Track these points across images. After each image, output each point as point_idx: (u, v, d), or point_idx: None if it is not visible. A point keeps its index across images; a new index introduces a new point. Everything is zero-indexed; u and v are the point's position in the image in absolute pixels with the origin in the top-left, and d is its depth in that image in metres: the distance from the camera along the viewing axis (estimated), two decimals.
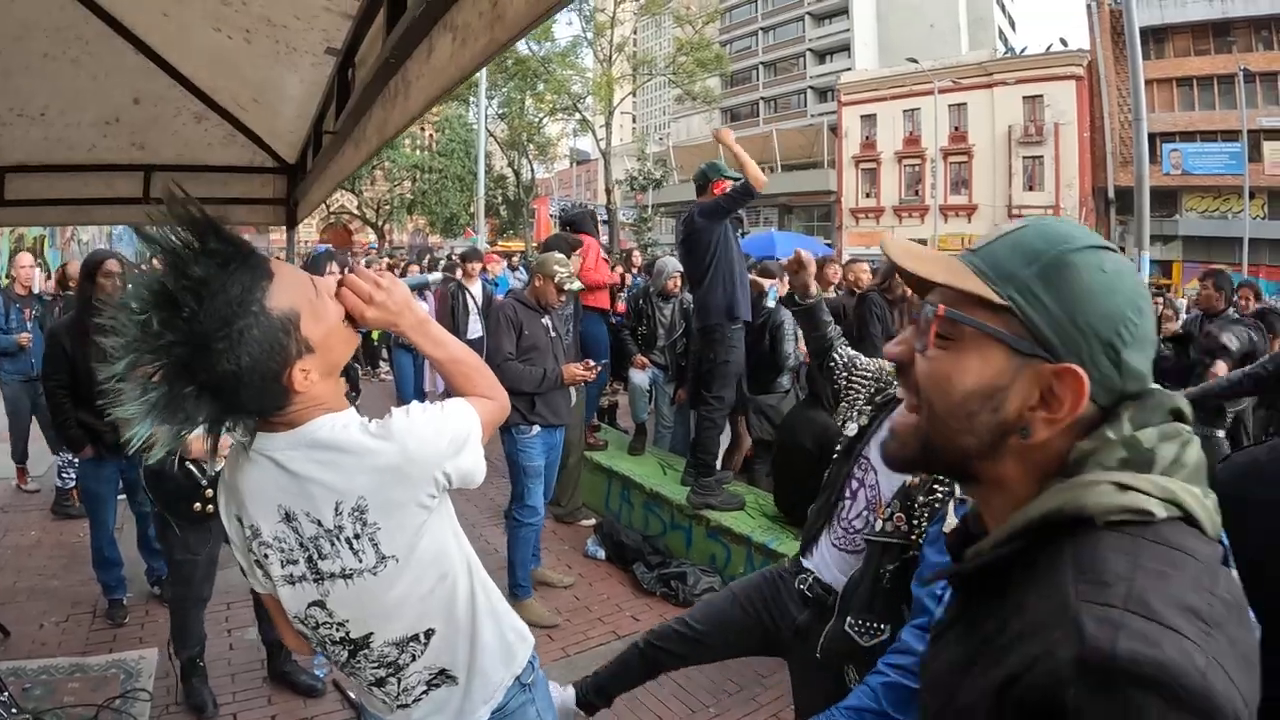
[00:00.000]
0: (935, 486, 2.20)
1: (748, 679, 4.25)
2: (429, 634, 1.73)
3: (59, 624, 4.82)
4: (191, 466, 3.41)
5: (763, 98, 55.86)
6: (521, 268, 14.90)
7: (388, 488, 1.55)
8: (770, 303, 6.21)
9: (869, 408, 2.62)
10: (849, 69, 47.35)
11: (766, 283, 6.29)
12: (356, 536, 1.57)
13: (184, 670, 4.01)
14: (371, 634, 1.70)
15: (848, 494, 2.55)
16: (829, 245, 32.37)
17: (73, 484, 6.36)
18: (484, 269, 9.43)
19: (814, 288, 2.87)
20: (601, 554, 5.75)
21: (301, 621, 1.72)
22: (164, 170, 4.01)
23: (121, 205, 4.15)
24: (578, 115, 41.58)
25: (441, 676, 1.80)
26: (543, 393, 4.73)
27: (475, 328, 8.79)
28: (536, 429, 4.75)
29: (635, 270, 10.90)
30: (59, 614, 4.92)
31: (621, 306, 7.10)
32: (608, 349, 6.92)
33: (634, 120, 73.17)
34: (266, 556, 1.64)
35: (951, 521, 1.81)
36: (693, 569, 5.17)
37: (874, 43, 49.50)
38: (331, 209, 40.43)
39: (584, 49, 39.87)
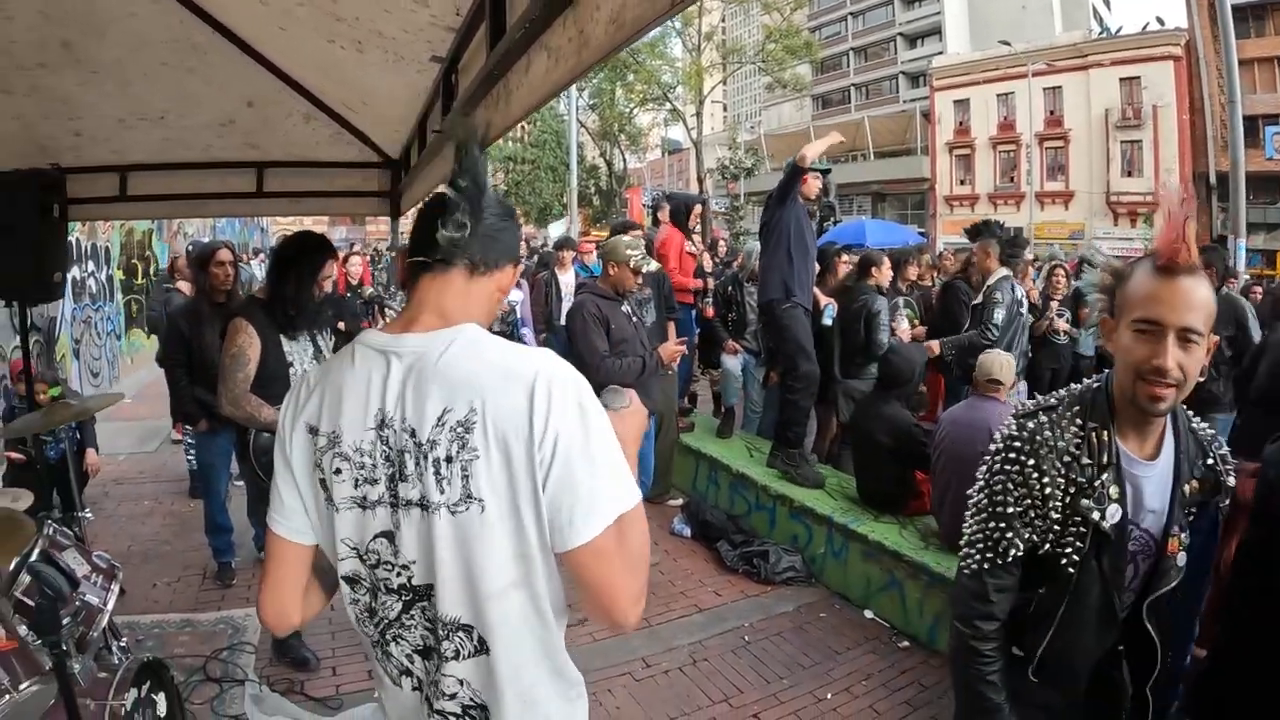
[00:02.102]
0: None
1: (823, 654, 4.37)
2: (483, 643, 1.52)
3: (170, 584, 5.18)
4: None
5: (854, 84, 54.95)
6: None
7: (504, 417, 1.39)
8: (827, 320, 6.26)
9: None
10: (940, 53, 46.07)
11: (823, 300, 6.31)
12: (449, 460, 1.42)
13: None
14: (432, 588, 1.51)
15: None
16: (922, 234, 31.64)
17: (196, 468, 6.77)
18: (578, 257, 9.56)
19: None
20: (687, 532, 5.91)
21: (361, 559, 1.58)
22: (275, 166, 4.27)
23: (236, 199, 4.44)
24: (668, 105, 41.53)
25: (480, 712, 1.58)
26: (643, 382, 4.77)
27: None
28: None
29: (718, 260, 10.91)
30: (171, 575, 5.29)
31: (710, 311, 7.10)
32: (694, 336, 7.06)
33: (725, 109, 72.58)
34: (339, 472, 1.52)
35: None
36: (775, 548, 5.30)
37: (965, 25, 48.13)
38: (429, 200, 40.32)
39: (673, 39, 39.59)
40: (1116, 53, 36.24)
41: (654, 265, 5.03)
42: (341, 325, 5.90)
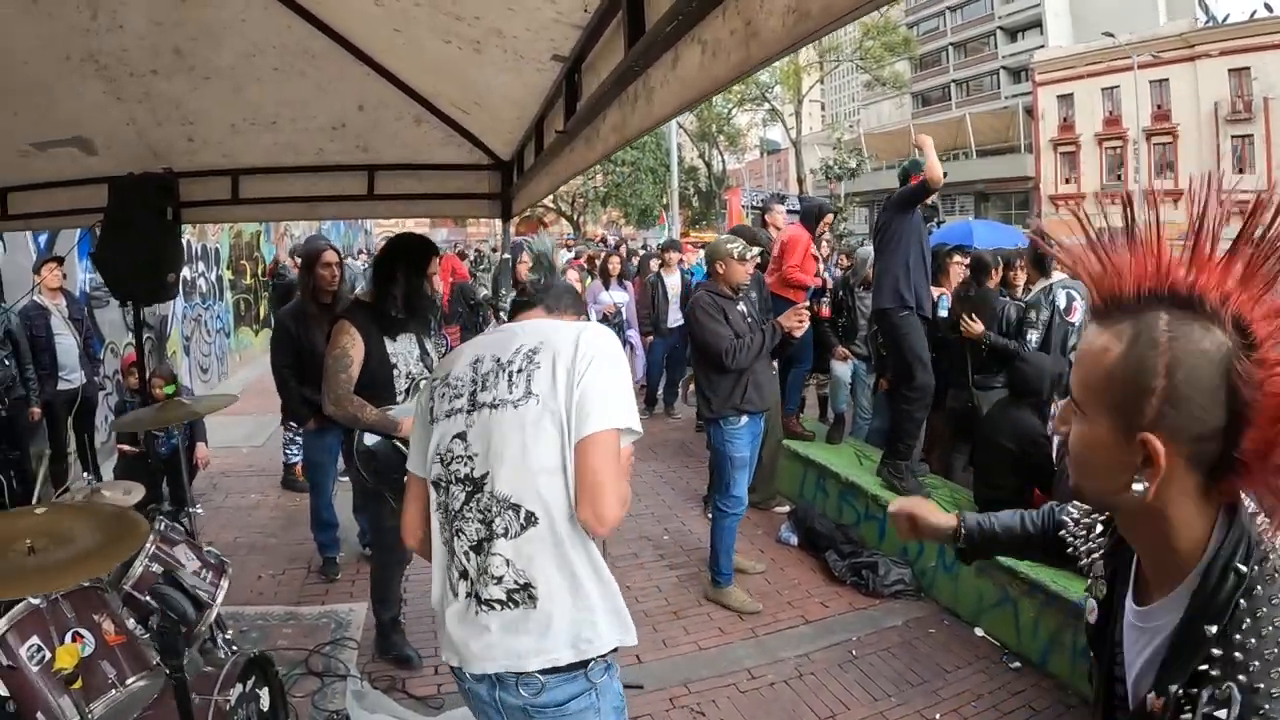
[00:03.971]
0: None
1: (931, 672, 4.23)
2: (530, 517, 1.93)
3: (275, 577, 5.28)
4: (399, 444, 3.63)
5: (953, 80, 53.62)
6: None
7: (558, 347, 1.95)
8: (942, 311, 6.03)
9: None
10: (1041, 46, 44.60)
11: (936, 291, 6.10)
12: (519, 370, 1.97)
13: (384, 628, 4.32)
14: (488, 475, 1.95)
15: None
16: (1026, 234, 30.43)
17: (296, 460, 6.91)
18: (682, 260, 9.53)
19: None
20: (794, 540, 5.79)
21: (441, 460, 2.04)
22: (386, 169, 4.29)
23: (348, 201, 4.48)
24: (766, 105, 41.17)
25: (523, 594, 1.95)
26: (755, 373, 4.66)
27: (675, 316, 8.92)
28: (745, 419, 4.69)
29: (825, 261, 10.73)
30: (276, 568, 5.40)
31: (826, 311, 6.95)
32: (809, 347, 6.91)
33: (823, 108, 71.59)
34: (441, 396, 2.08)
35: None
36: (884, 559, 5.15)
37: (1066, 16, 46.34)
38: None
39: None
40: (1224, 42, 34.31)
41: (755, 251, 4.89)
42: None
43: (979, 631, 4.59)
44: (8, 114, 3.90)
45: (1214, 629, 0.99)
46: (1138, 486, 1.00)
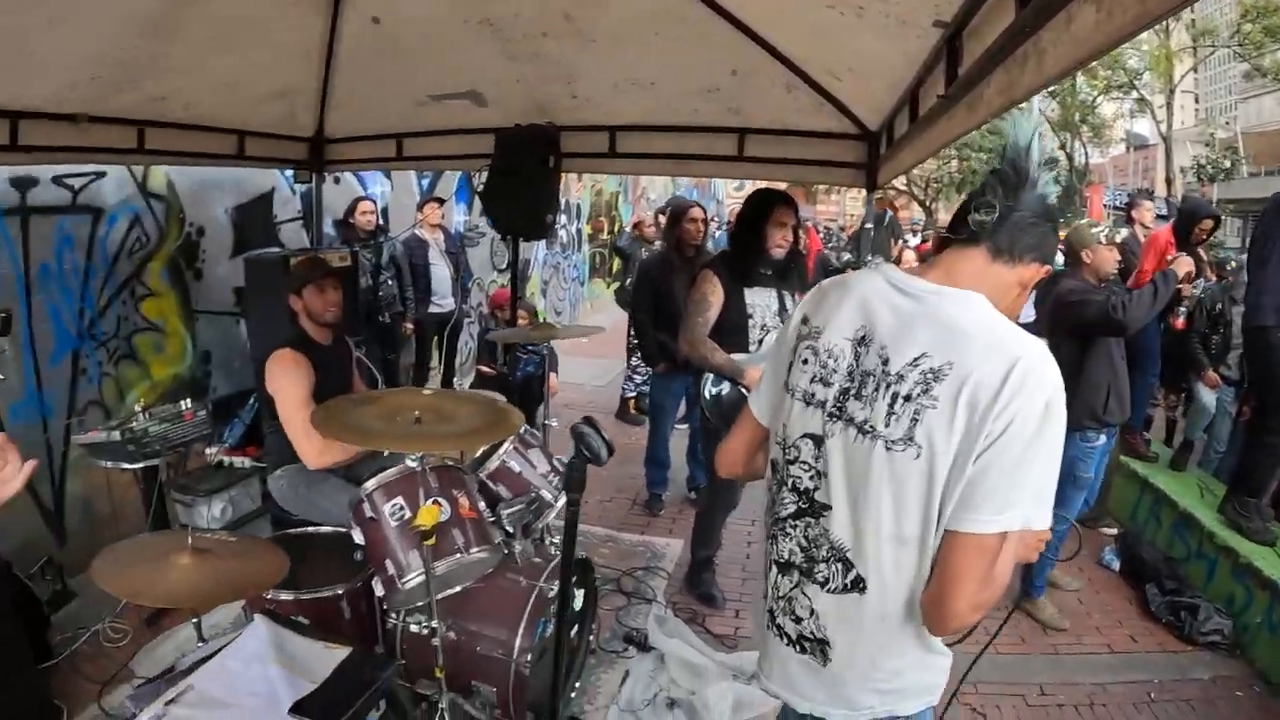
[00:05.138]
0: None
1: None
2: (858, 583, 1.61)
3: (602, 502, 5.76)
4: (744, 390, 3.79)
5: None
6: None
7: (974, 381, 1.44)
8: None
9: None
10: None
11: None
12: (907, 399, 1.50)
13: (697, 566, 4.57)
14: (832, 509, 1.62)
15: None
16: None
17: (631, 394, 7.53)
18: None
19: None
20: (1116, 565, 5.40)
21: (783, 446, 1.73)
22: (755, 133, 4.44)
23: (717, 161, 4.68)
24: (1134, 93, 37.35)
25: (816, 647, 1.69)
26: (1118, 379, 4.38)
27: (1027, 312, 8.53)
28: (1103, 439, 4.44)
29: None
30: (604, 494, 5.88)
31: (1180, 323, 6.37)
32: (1156, 355, 6.39)
33: (1196, 100, 63.60)
34: (805, 362, 1.69)
35: None
36: (1207, 605, 4.62)
37: None
38: None
39: None
40: None
41: (1124, 233, 4.53)
42: None
43: None
44: (410, 70, 4.44)
45: None
46: None
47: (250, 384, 5.94)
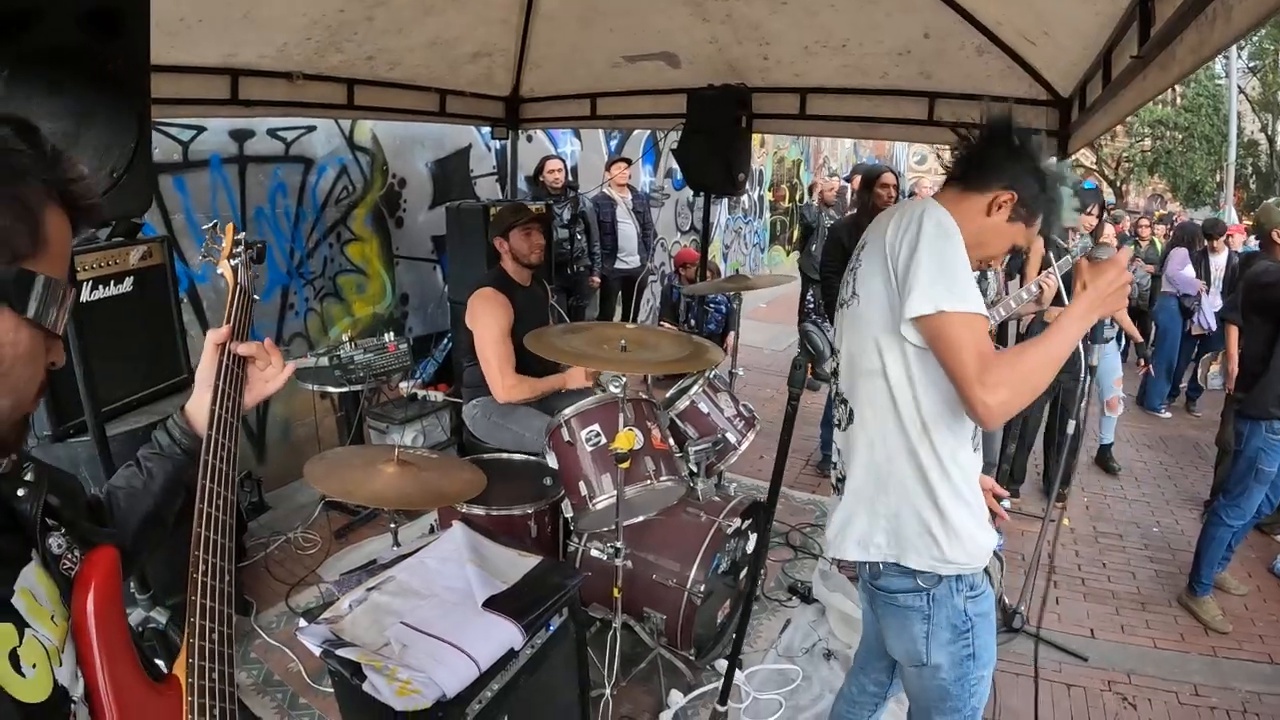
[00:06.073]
0: None
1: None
2: (852, 416, 2.04)
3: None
4: None
5: None
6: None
7: (877, 238, 1.92)
8: None
9: None
10: None
11: None
12: (852, 270, 2.05)
13: None
14: (838, 368, 2.14)
15: None
16: None
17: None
18: (1228, 240, 8.56)
19: None
20: None
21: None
22: (946, 98, 4.42)
23: (907, 125, 4.66)
24: None
25: (841, 485, 2.14)
26: None
27: (1217, 302, 8.13)
28: None
29: None
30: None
31: None
32: None
33: None
34: (854, 273, 2.05)
35: None
36: None
37: None
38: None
39: None
40: None
41: None
42: None
43: None
44: (606, 31, 4.65)
45: None
46: None
47: (443, 325, 6.39)
